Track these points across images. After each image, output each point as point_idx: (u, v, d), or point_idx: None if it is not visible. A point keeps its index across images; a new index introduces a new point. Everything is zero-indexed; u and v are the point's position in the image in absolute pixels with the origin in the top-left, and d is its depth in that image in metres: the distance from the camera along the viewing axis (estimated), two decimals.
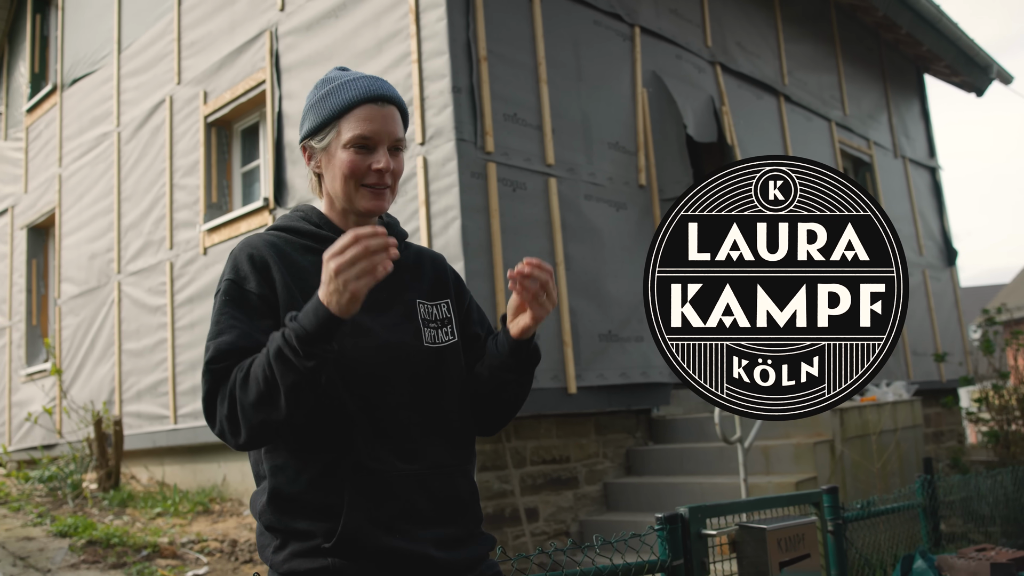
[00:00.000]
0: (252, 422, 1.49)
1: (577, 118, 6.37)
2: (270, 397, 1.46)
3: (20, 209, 10.78)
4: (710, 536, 2.51)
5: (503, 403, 1.81)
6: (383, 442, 1.60)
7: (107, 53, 9.24)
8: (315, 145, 1.71)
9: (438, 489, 1.65)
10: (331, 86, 1.71)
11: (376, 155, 1.67)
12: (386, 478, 1.59)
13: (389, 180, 1.69)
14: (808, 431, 5.80)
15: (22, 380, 10.12)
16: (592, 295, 6.10)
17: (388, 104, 1.70)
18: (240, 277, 1.62)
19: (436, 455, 1.67)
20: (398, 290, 1.73)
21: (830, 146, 9.52)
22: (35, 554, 5.82)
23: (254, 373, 1.48)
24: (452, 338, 1.77)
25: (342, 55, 6.23)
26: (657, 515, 2.42)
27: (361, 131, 1.66)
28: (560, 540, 5.77)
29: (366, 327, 1.64)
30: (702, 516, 2.50)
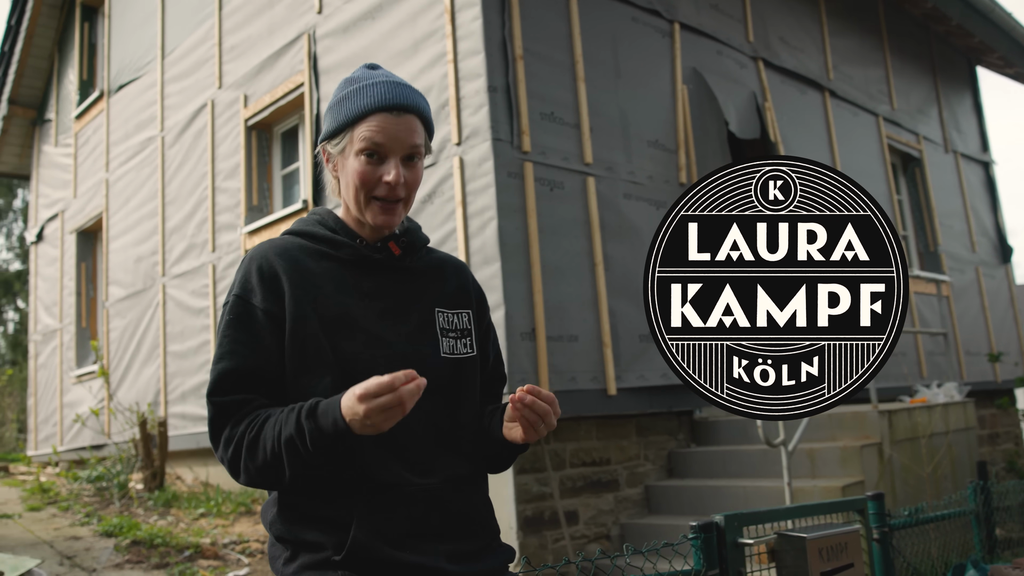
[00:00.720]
0: (254, 479, 1.52)
1: (615, 116, 6.29)
2: (275, 471, 1.48)
3: (70, 214, 10.99)
4: (747, 545, 2.42)
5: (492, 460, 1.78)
6: (395, 455, 1.56)
7: (151, 59, 9.37)
8: (331, 149, 1.67)
9: (452, 504, 1.60)
10: (351, 88, 1.66)
11: (386, 166, 1.61)
12: (398, 492, 1.54)
13: (401, 193, 1.63)
14: (855, 434, 5.65)
15: (72, 381, 10.31)
16: (632, 295, 6.01)
17: (405, 113, 1.63)
18: (247, 291, 1.59)
19: (450, 469, 1.62)
20: (416, 297, 1.68)
21: (877, 141, 9.30)
22: (81, 553, 5.90)
23: (263, 443, 1.48)
24: (470, 351, 1.72)
25: (379, 56, 6.22)
26: (691, 523, 2.35)
27: (372, 141, 1.60)
28: (601, 543, 5.70)
29: (379, 336, 1.59)
30: (739, 524, 2.42)
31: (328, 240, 1.66)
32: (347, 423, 1.40)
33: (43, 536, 6.40)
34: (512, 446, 1.68)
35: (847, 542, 2.66)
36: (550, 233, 5.57)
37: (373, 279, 1.65)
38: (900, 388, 7.93)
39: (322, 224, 1.70)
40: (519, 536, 5.23)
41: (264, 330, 1.55)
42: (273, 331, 1.56)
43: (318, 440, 1.42)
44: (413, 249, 1.72)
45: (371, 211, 1.63)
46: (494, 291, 5.23)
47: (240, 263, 1.64)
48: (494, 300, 5.21)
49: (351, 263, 1.65)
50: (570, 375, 5.47)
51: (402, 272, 1.69)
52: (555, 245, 5.59)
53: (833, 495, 5.07)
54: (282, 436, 1.45)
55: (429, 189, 5.74)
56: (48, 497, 7.89)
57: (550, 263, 5.52)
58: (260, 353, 1.54)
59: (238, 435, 1.51)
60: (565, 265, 5.63)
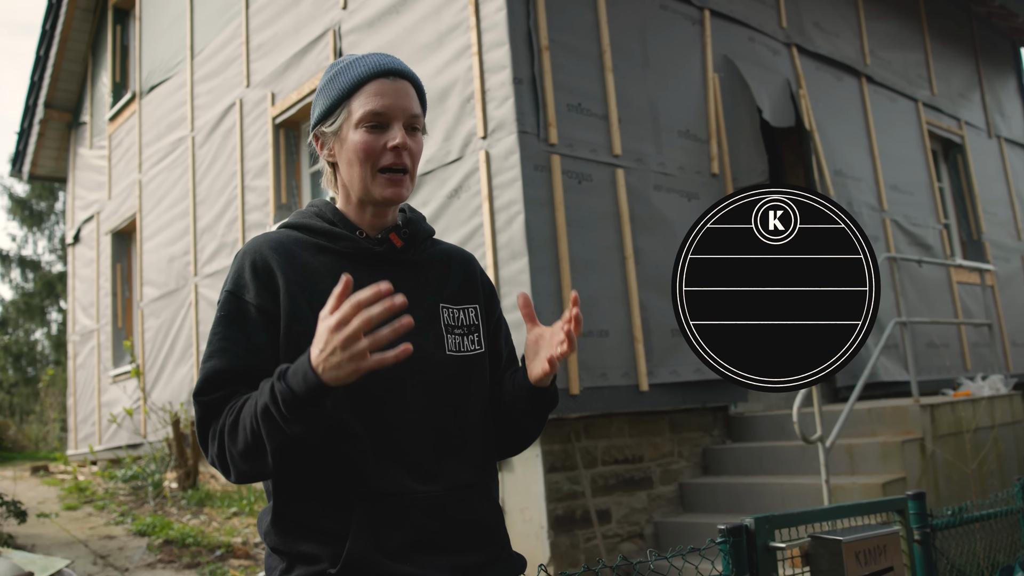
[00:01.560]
0: (240, 469, 1.42)
1: (645, 106, 6.16)
2: (256, 451, 1.38)
3: (105, 215, 11.09)
4: (779, 549, 2.30)
5: (513, 439, 1.68)
6: (395, 461, 1.47)
7: (181, 59, 9.41)
8: (326, 131, 1.58)
9: (456, 513, 1.50)
10: (340, 67, 1.59)
11: (391, 132, 1.53)
12: (397, 501, 1.45)
13: (407, 160, 1.54)
14: (896, 429, 5.48)
15: (109, 381, 10.40)
16: (664, 289, 5.88)
17: (400, 79, 1.56)
18: (239, 287, 1.50)
19: (454, 475, 1.52)
20: (420, 292, 1.58)
21: (917, 128, 9.05)
22: (115, 553, 5.93)
23: (242, 423, 1.38)
24: (478, 347, 1.62)
25: (404, 50, 6.16)
26: (719, 526, 2.24)
27: (373, 107, 1.52)
28: (634, 542, 5.59)
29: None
30: (770, 527, 2.30)
31: (326, 233, 1.58)
32: (317, 372, 1.28)
33: (78, 535, 6.45)
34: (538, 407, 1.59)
35: (886, 544, 2.54)
36: (578, 226, 5.46)
37: (373, 273, 1.54)
38: (943, 381, 7.71)
39: (320, 216, 1.61)
40: (550, 535, 5.15)
41: (257, 328, 1.47)
42: (267, 328, 1.47)
43: (291, 401, 1.30)
44: (416, 241, 1.63)
45: (378, 185, 1.54)
46: (522, 286, 5.14)
47: (234, 258, 1.56)
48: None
49: (350, 256, 1.56)
50: (601, 371, 5.37)
51: (404, 265, 1.60)
52: (584, 239, 5.48)
53: (873, 492, 4.92)
54: (258, 409, 1.34)
55: (456, 184, 5.66)
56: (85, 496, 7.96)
57: (579, 257, 5.42)
58: (252, 352, 1.46)
59: (220, 425, 1.42)
60: (594, 259, 5.53)
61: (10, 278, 24.88)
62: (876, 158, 8.23)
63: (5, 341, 23.97)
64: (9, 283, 24.92)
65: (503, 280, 5.26)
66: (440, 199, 5.76)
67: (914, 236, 8.44)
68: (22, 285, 24.77)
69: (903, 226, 8.32)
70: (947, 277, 8.61)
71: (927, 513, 3.04)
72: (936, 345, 7.96)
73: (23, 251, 24.94)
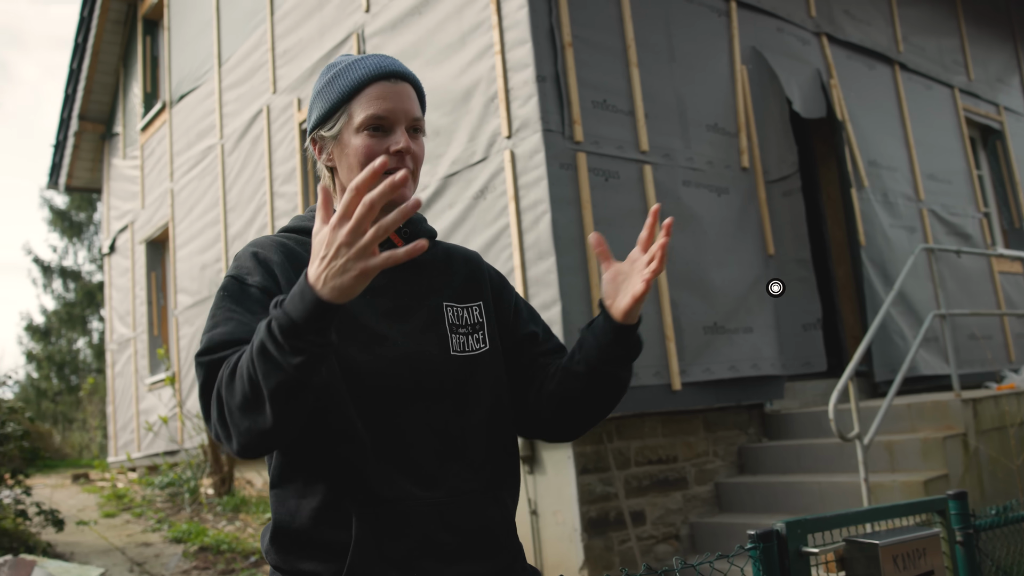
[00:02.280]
0: (240, 428, 1.26)
1: (671, 101, 6.07)
2: (255, 400, 1.22)
3: (139, 224, 11.22)
4: (812, 554, 2.22)
5: (599, 402, 1.59)
6: (398, 466, 1.41)
7: (208, 68, 9.48)
8: (325, 135, 1.54)
9: (463, 520, 1.44)
10: (337, 69, 1.55)
11: (393, 136, 1.49)
12: (400, 508, 1.39)
13: (410, 164, 1.50)
14: (937, 424, 5.34)
15: (147, 389, 10.52)
16: (695, 286, 5.80)
17: (401, 81, 1.52)
18: (242, 273, 1.45)
19: (460, 480, 1.46)
20: (422, 292, 1.54)
21: (953, 115, 8.85)
22: (151, 560, 5.97)
23: (239, 370, 1.25)
24: (483, 345, 1.56)
25: (427, 51, 6.13)
26: (749, 531, 2.16)
27: (375, 110, 1.48)
28: (670, 544, 5.51)
29: (381, 334, 1.45)
30: (802, 531, 2.22)
31: None
32: (314, 288, 1.16)
33: (116, 542, 6.51)
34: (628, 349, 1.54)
35: (925, 547, 2.44)
36: (606, 224, 5.39)
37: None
38: (985, 374, 7.52)
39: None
40: (583, 538, 5.08)
41: (262, 306, 1.40)
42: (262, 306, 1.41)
43: (289, 327, 1.17)
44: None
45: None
46: (550, 286, 5.08)
47: (234, 257, 1.53)
48: (550, 296, 5.07)
49: None
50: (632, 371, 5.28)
51: (406, 267, 1.55)
52: (612, 237, 5.38)
53: (914, 490, 4.79)
54: (254, 348, 1.21)
55: (481, 185, 5.62)
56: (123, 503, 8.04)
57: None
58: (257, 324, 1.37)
59: (218, 382, 1.29)
60: (623, 257, 5.42)
61: (52, 288, 25.32)
62: (912, 147, 8.06)
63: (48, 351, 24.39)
64: (51, 293, 25.35)
65: (531, 280, 5.21)
66: (466, 200, 5.73)
67: (953, 226, 8.25)
68: (63, 295, 25.20)
69: (941, 216, 8.13)
70: (988, 267, 8.40)
71: (970, 513, 2.94)
72: (977, 337, 7.77)
73: (64, 261, 25.38)
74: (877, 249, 7.17)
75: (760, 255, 6.30)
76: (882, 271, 7.12)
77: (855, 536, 2.36)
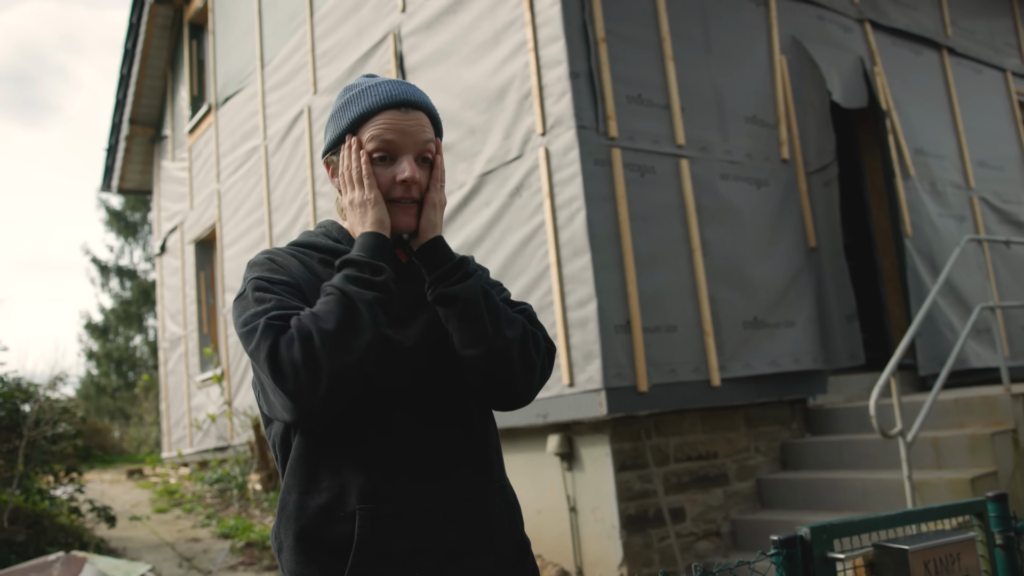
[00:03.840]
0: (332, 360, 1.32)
1: (708, 93, 6.01)
2: (351, 321, 1.36)
3: (188, 225, 11.45)
4: (838, 560, 2.19)
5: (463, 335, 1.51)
6: (401, 465, 1.44)
7: (252, 70, 9.62)
8: (336, 159, 1.58)
9: (467, 517, 1.47)
10: (352, 93, 1.58)
11: (399, 165, 1.52)
12: (404, 506, 1.43)
13: (416, 193, 1.53)
14: (985, 420, 5.21)
15: (197, 386, 10.74)
16: (734, 281, 5.73)
17: (413, 109, 1.54)
18: (265, 271, 1.49)
19: (463, 476, 1.50)
20: (423, 298, 1.58)
21: (1006, 99, 8.61)
22: (199, 555, 6.11)
23: (323, 304, 1.38)
24: None
25: (462, 50, 6.14)
26: (772, 537, 2.14)
27: (381, 140, 1.51)
28: (711, 541, 5.47)
29: (385, 336, 1.48)
30: (828, 537, 2.19)
31: (332, 250, 1.59)
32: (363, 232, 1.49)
33: (167, 538, 6.67)
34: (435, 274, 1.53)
35: (960, 552, 2.40)
36: (642, 220, 5.36)
37: None
38: None
39: (327, 235, 1.63)
40: (622, 535, 5.07)
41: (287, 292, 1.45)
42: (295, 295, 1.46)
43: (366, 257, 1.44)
44: None
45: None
46: (585, 284, 5.07)
47: (247, 266, 1.57)
48: (585, 293, 5.06)
49: None
50: (669, 367, 5.26)
51: (410, 279, 1.59)
52: (648, 233, 5.38)
53: (960, 488, 4.69)
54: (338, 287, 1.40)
55: (516, 182, 5.62)
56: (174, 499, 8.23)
57: (643, 251, 5.31)
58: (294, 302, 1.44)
59: (297, 323, 1.35)
60: (660, 253, 5.41)
61: (109, 287, 25.98)
62: (961, 134, 7.86)
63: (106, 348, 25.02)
64: (108, 292, 26.01)
65: (566, 278, 5.21)
66: (502, 198, 5.74)
67: (1005, 213, 8.03)
68: (120, 293, 25.83)
69: (992, 203, 7.92)
70: None
71: (1011, 516, 2.86)
72: None
73: (120, 261, 26.01)
74: (924, 239, 7.01)
75: (802, 248, 6.21)
76: (930, 261, 6.96)
77: (884, 541, 2.32)
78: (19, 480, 5.81)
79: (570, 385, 5.12)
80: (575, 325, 5.14)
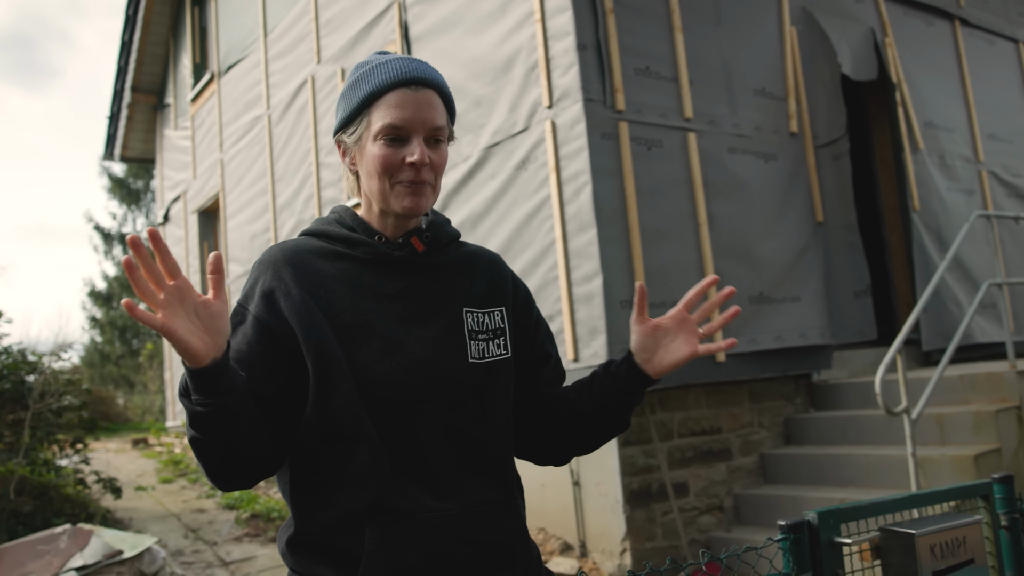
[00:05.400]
0: (210, 473, 1.39)
1: (717, 66, 5.93)
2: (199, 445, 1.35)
3: (191, 194, 11.40)
4: (845, 544, 2.18)
5: (598, 439, 1.65)
6: (413, 477, 1.40)
7: (255, 38, 9.53)
8: (347, 140, 1.52)
9: (480, 531, 1.43)
10: (363, 71, 1.51)
11: (410, 146, 1.45)
12: (415, 520, 1.38)
13: (428, 176, 1.46)
14: (990, 396, 5.21)
15: None
16: (740, 255, 5.70)
17: (424, 88, 1.47)
18: (247, 298, 1.47)
19: (477, 491, 1.45)
20: (442, 297, 1.52)
21: (1018, 71, 8.50)
22: (204, 526, 6.14)
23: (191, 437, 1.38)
24: (504, 352, 1.54)
25: (467, 20, 6.07)
26: (780, 522, 2.13)
27: (391, 119, 1.44)
28: (714, 515, 5.49)
29: (397, 341, 1.43)
30: (835, 521, 2.17)
31: (344, 239, 1.52)
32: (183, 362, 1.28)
33: (172, 508, 6.71)
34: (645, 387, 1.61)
35: (966, 536, 2.39)
36: (649, 195, 5.32)
37: (394, 279, 1.49)
38: None
39: (339, 223, 1.55)
40: (626, 510, 5.09)
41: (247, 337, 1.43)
42: (261, 339, 1.42)
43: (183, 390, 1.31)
44: (439, 244, 1.56)
45: (396, 196, 1.47)
46: (591, 259, 5.04)
47: (251, 268, 1.53)
48: (591, 268, 5.03)
49: (370, 262, 1.50)
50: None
51: (427, 270, 1.53)
52: (655, 207, 5.34)
53: (964, 465, 4.70)
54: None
55: (522, 156, 5.58)
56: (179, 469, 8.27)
57: (650, 226, 5.28)
58: (241, 362, 1.40)
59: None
60: (666, 227, 5.38)
61: (112, 255, 25.96)
62: (971, 106, 7.77)
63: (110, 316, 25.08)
64: (112, 259, 26.00)
65: (572, 252, 5.18)
66: (508, 171, 5.69)
67: (1014, 187, 7.97)
68: None
69: (1001, 177, 7.85)
70: None
71: (1016, 497, 2.86)
72: None
73: (123, 228, 25.96)
74: (932, 214, 6.97)
75: (809, 222, 6.17)
76: (937, 236, 6.92)
77: (890, 525, 2.31)
78: (25, 451, 5.84)
79: (575, 360, 5.11)
80: (580, 300, 5.12)
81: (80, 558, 4.43)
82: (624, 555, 5.10)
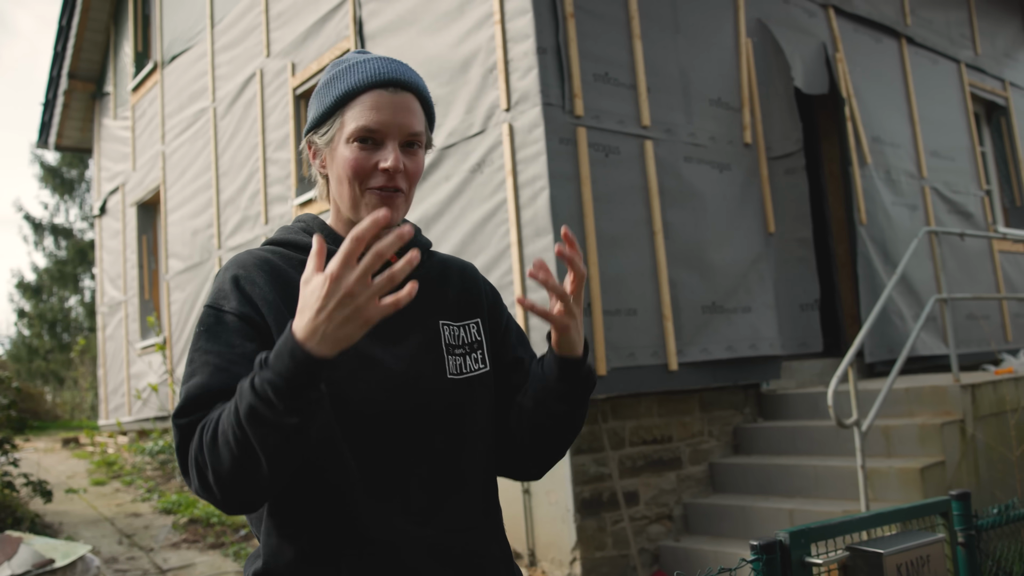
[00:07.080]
0: (230, 493, 1.19)
1: (675, 74, 5.94)
2: (249, 464, 1.14)
3: (130, 186, 11.06)
4: (815, 565, 2.16)
5: (550, 441, 1.48)
6: (389, 502, 1.31)
7: (201, 29, 9.27)
8: (318, 140, 1.42)
9: (460, 557, 1.35)
10: (338, 69, 1.42)
11: (384, 151, 1.36)
12: (392, 547, 1.30)
13: (401, 183, 1.37)
14: (935, 409, 5.29)
15: (137, 353, 10.44)
16: (694, 264, 5.71)
17: (403, 91, 1.39)
18: (219, 299, 1.34)
19: (457, 515, 1.37)
20: (416, 311, 1.42)
21: (959, 90, 8.71)
22: (140, 532, 5.92)
23: (223, 436, 1.16)
24: (483, 366, 1.46)
25: (424, 18, 5.97)
26: (752, 542, 2.09)
27: (366, 122, 1.35)
28: (663, 524, 5.48)
29: (373, 358, 1.34)
30: (805, 541, 2.16)
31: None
32: (302, 343, 1.09)
33: (105, 512, 6.46)
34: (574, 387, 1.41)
35: (929, 554, 2.39)
36: (605, 201, 5.29)
37: None
38: (983, 354, 7.49)
39: (307, 232, 1.46)
40: (576, 519, 5.05)
41: (240, 335, 1.30)
42: (251, 336, 1.30)
43: (282, 389, 1.09)
44: None
45: (367, 204, 1.37)
46: (547, 264, 4.97)
47: (215, 276, 1.42)
48: None
49: None
50: (629, 351, 5.22)
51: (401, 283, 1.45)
52: (611, 214, 5.31)
53: (910, 477, 4.76)
54: (241, 412, 1.12)
55: (478, 158, 5.50)
56: (113, 471, 7.99)
57: (606, 233, 5.25)
58: (236, 362, 1.27)
59: (195, 447, 1.20)
60: (622, 235, 5.35)
61: (43, 246, 25.14)
62: (916, 123, 7.94)
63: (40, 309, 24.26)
64: (42, 251, 25.18)
65: (527, 258, 5.12)
66: (463, 173, 5.61)
67: (954, 204, 8.16)
68: (55, 252, 25.02)
69: (943, 194, 8.03)
70: (988, 246, 8.33)
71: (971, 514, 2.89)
72: (976, 317, 7.72)
73: (55, 219, 25.17)
74: (878, 227, 7.08)
75: (761, 233, 6.21)
76: (882, 249, 7.03)
77: (858, 544, 2.31)
78: None
79: None
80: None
81: (7, 568, 4.21)
82: (574, 564, 5.05)
